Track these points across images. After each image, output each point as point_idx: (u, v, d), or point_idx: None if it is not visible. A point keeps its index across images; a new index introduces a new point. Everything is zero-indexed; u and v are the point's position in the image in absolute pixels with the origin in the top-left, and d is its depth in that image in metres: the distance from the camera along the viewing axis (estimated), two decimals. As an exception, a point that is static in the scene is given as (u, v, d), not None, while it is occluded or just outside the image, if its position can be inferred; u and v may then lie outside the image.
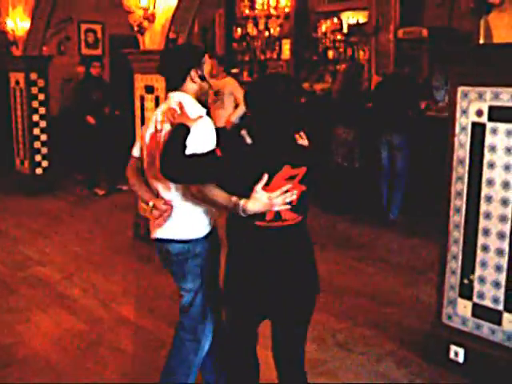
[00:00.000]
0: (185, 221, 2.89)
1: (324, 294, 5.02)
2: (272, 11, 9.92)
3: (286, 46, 11.93)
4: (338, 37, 11.11)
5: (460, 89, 3.62)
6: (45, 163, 8.98)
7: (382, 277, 5.47)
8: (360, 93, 7.42)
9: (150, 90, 6.33)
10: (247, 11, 10.52)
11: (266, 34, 12.01)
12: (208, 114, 2.93)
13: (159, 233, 2.94)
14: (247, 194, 2.47)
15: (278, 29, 11.69)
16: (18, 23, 8.44)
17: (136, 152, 3.10)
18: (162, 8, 6.04)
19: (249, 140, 2.60)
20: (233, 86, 7.86)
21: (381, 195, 7.12)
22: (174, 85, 2.94)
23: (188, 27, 6.20)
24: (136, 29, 6.26)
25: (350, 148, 7.34)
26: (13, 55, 8.82)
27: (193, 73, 2.89)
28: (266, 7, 9.69)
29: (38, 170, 8.96)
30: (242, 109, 7.61)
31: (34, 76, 8.74)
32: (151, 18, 6.13)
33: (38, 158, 8.93)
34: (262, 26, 11.95)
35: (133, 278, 5.43)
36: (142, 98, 6.47)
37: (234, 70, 7.58)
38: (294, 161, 2.54)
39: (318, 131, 7.67)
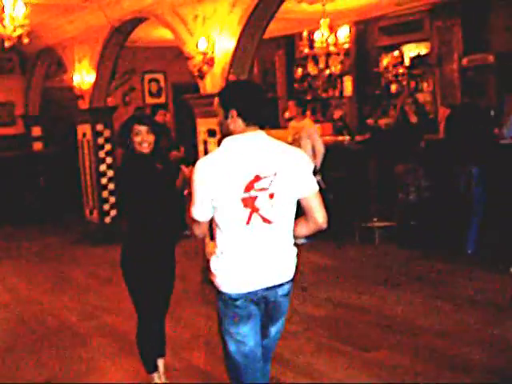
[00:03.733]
0: (292, 260, 2.92)
1: (399, 334, 4.83)
2: (332, 49, 9.83)
3: (348, 82, 11.82)
4: (400, 70, 10.91)
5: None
6: (113, 212, 9.10)
7: (461, 315, 5.16)
8: (414, 125, 7.31)
9: (212, 133, 6.32)
10: (306, 50, 10.47)
11: (327, 72, 11.95)
12: None
13: (274, 279, 2.84)
14: None
15: (338, 66, 11.61)
16: (84, 77, 8.69)
17: (206, 214, 2.80)
18: (221, 51, 6.07)
19: (323, 185, 2.61)
20: (310, 130, 7.78)
21: (461, 228, 6.81)
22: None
23: (247, 69, 6.20)
24: (196, 74, 6.31)
25: (417, 181, 7.15)
26: (79, 108, 9.07)
27: None
28: (325, 45, 9.63)
29: (107, 219, 9.08)
30: (320, 153, 7.59)
31: (99, 127, 8.95)
32: (210, 62, 6.16)
33: (106, 207, 9.07)
34: (322, 65, 11.89)
35: (202, 324, 5.32)
36: (205, 143, 6.46)
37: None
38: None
39: (382, 166, 7.59)
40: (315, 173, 7.76)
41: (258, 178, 2.69)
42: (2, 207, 10.61)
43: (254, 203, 2.70)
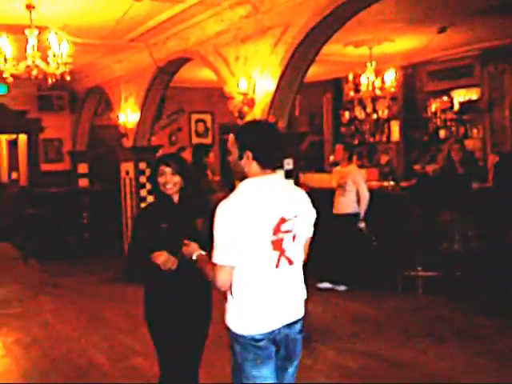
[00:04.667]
0: (304, 297, 2.92)
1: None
2: (378, 92, 9.70)
3: (395, 127, 11.65)
4: (449, 115, 10.70)
5: None
6: (152, 251, 9.01)
7: (506, 373, 4.85)
8: (460, 174, 7.08)
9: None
10: (352, 94, 10.36)
11: (374, 116, 11.82)
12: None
13: (293, 316, 2.83)
14: None
15: (386, 111, 11.47)
16: (129, 116, 8.77)
17: (234, 259, 2.64)
18: (261, 93, 6.00)
19: (366, 231, 2.54)
20: (356, 176, 7.61)
21: (510, 280, 6.47)
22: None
23: (288, 111, 6.10)
24: (236, 114, 6.25)
25: (463, 231, 6.87)
26: (123, 146, 9.14)
27: None
28: (371, 89, 9.51)
29: (146, 258, 9.01)
30: (365, 200, 7.45)
31: (142, 165, 8.97)
32: (251, 103, 6.10)
33: (145, 245, 9.00)
34: (369, 109, 11.78)
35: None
36: (242, 184, 6.37)
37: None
38: None
39: (427, 213, 7.34)
40: (359, 219, 7.55)
41: (283, 221, 2.69)
42: (44, 242, 10.71)
43: (282, 245, 2.70)
